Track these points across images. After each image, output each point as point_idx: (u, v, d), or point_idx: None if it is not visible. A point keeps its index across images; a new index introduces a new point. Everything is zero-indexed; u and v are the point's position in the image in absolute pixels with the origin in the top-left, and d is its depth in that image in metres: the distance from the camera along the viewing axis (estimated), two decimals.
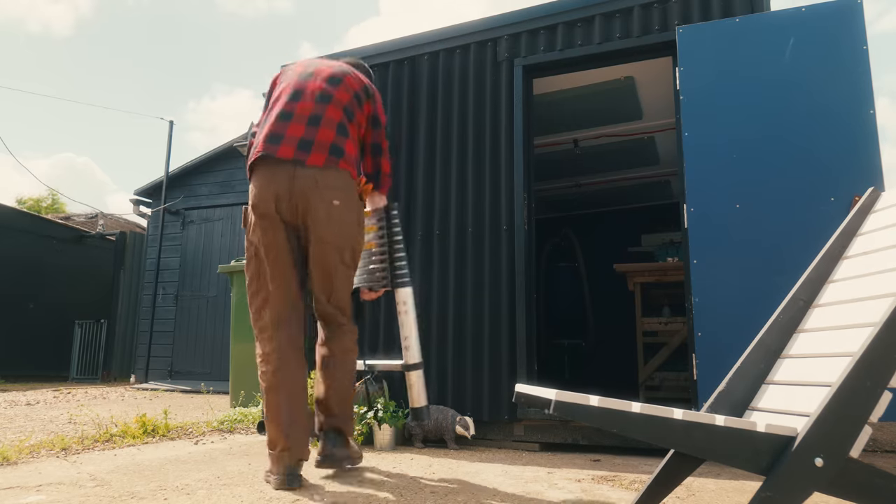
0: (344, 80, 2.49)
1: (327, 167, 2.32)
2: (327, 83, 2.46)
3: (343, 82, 2.48)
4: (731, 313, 2.81)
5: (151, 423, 3.59)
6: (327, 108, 2.41)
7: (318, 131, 2.35)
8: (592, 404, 1.30)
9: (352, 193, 2.40)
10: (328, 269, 2.38)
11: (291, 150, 2.30)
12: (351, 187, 2.40)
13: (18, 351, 9.29)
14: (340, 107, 2.44)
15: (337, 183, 2.34)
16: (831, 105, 2.82)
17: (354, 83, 2.52)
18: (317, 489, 2.19)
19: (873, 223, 1.77)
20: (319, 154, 2.32)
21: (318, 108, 2.39)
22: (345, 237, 2.38)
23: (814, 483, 1.27)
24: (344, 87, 2.48)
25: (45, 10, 73.04)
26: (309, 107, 2.39)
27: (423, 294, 3.65)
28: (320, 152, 2.32)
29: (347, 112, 2.45)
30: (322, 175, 2.31)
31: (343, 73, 2.51)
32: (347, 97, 2.47)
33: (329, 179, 2.32)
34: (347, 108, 2.46)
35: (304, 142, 2.32)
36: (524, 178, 3.52)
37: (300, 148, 2.31)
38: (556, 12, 3.61)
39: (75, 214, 13.30)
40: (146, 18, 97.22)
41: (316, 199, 2.30)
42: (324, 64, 2.57)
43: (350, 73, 2.54)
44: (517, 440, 3.36)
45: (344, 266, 2.42)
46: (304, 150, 2.31)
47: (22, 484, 2.26)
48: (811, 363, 1.61)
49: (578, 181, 6.53)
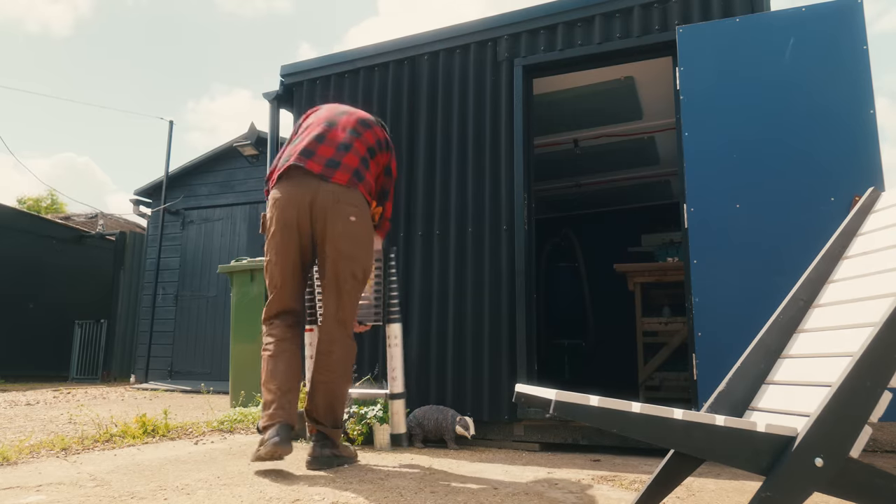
0: (372, 127, 2.79)
1: (349, 187, 2.56)
2: (358, 124, 2.75)
3: (371, 128, 2.78)
4: (732, 313, 2.81)
5: (151, 423, 3.59)
6: (356, 140, 2.69)
7: (346, 156, 2.62)
8: (592, 404, 1.30)
9: (367, 214, 2.64)
10: (339, 281, 2.58)
11: (320, 167, 2.56)
12: (367, 208, 2.64)
13: (18, 351, 9.29)
14: (366, 145, 2.72)
15: (355, 201, 2.57)
16: (831, 105, 2.82)
17: (380, 132, 2.81)
18: (317, 489, 2.19)
19: (873, 223, 1.77)
20: (344, 174, 2.56)
21: (348, 139, 2.68)
22: (357, 251, 2.59)
23: (814, 483, 1.27)
24: (371, 133, 2.77)
25: (44, 10, 73.11)
26: (340, 136, 2.68)
27: (424, 294, 3.65)
28: (345, 173, 2.57)
29: (371, 151, 2.73)
30: (343, 193, 2.55)
31: (371, 122, 2.82)
32: (373, 140, 2.76)
33: (348, 197, 2.55)
34: (372, 148, 2.74)
35: (332, 161, 2.58)
36: (524, 178, 3.52)
37: (328, 165, 2.56)
38: (556, 12, 3.61)
39: (75, 214, 13.30)
40: (145, 18, 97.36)
41: (334, 214, 2.52)
42: (354, 109, 2.87)
43: (377, 123, 2.85)
44: (517, 440, 3.36)
45: (354, 280, 2.61)
46: (331, 168, 2.56)
47: (22, 484, 2.26)
48: (811, 363, 1.61)
49: (578, 181, 6.53)
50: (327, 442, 2.60)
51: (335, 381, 2.61)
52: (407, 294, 3.70)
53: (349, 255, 2.56)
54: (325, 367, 2.60)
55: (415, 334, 3.62)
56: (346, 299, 2.61)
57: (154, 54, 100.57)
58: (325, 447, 2.59)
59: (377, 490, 2.18)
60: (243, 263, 4.90)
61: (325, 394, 2.60)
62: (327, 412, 2.60)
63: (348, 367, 2.66)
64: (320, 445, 2.58)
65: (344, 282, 2.57)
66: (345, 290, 2.59)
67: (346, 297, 2.61)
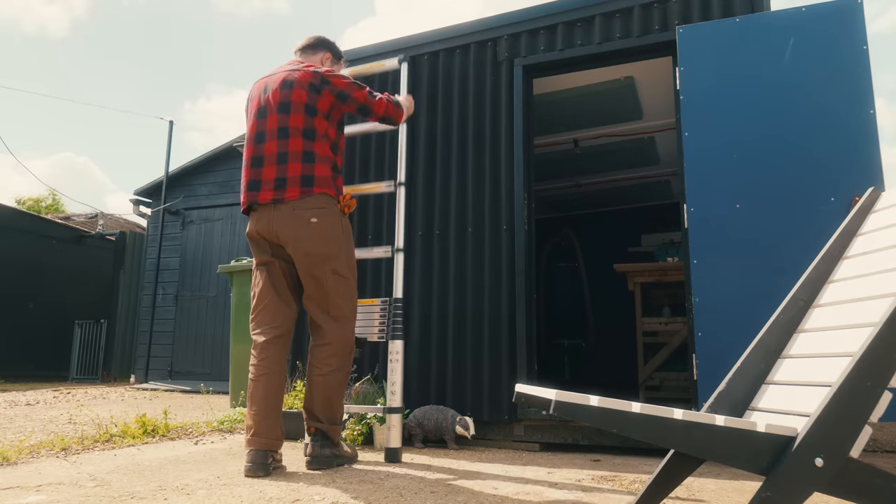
0: (295, 79, 2.63)
1: (303, 198, 2.55)
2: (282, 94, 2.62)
3: (292, 87, 2.62)
4: (732, 313, 2.81)
5: (151, 423, 3.59)
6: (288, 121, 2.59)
7: (287, 168, 2.57)
8: (592, 404, 1.30)
9: (329, 210, 2.60)
10: (319, 281, 2.58)
11: (270, 194, 2.57)
12: (328, 204, 2.60)
13: (18, 351, 9.28)
14: (301, 111, 2.60)
15: (313, 205, 2.56)
16: (831, 105, 2.82)
17: (305, 76, 2.64)
18: (317, 489, 2.19)
19: (873, 223, 1.77)
20: (294, 189, 2.55)
21: (281, 139, 2.59)
22: (328, 247, 2.58)
23: (814, 483, 1.27)
24: (298, 86, 2.62)
25: (40, 12, 73.09)
26: (273, 144, 2.60)
27: (424, 294, 3.65)
28: (294, 187, 2.55)
29: (308, 109, 2.60)
30: (298, 203, 2.56)
31: (293, 76, 2.65)
32: (304, 96, 2.61)
33: (305, 205, 2.56)
34: (308, 106, 2.61)
35: (279, 181, 2.57)
36: (524, 178, 3.52)
37: (276, 188, 2.56)
38: (556, 12, 3.61)
39: (75, 214, 13.29)
40: (141, 19, 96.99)
41: (293, 223, 2.54)
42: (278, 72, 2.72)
43: (298, 71, 2.66)
44: (517, 440, 3.36)
45: (336, 276, 2.59)
46: (280, 189, 2.56)
47: (22, 484, 2.25)
48: (811, 363, 1.61)
49: (578, 181, 6.53)
50: (326, 441, 2.59)
51: (331, 376, 2.59)
52: (407, 294, 3.70)
53: (321, 254, 2.56)
54: (321, 362, 2.59)
55: (415, 334, 3.61)
56: (334, 295, 2.60)
57: (150, 55, 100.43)
58: (325, 446, 2.58)
59: (377, 490, 2.18)
60: (243, 263, 4.89)
61: (321, 388, 2.59)
62: (324, 408, 2.59)
63: (346, 362, 2.65)
64: (319, 445, 2.58)
65: (325, 281, 2.58)
66: (330, 288, 2.59)
67: (334, 294, 2.60)
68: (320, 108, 2.63)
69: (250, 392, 2.53)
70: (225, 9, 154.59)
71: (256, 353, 2.58)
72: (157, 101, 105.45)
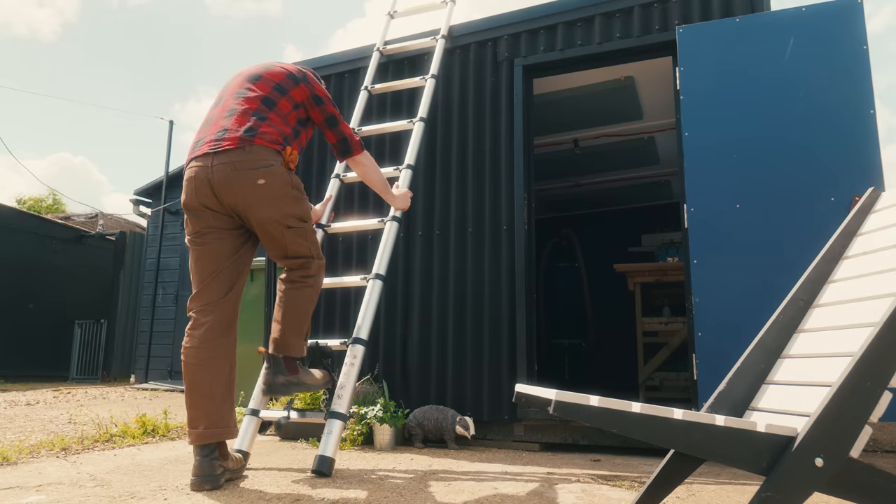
0: (262, 75, 2.50)
1: (241, 147, 2.28)
2: (247, 78, 2.49)
3: (261, 78, 2.49)
4: (732, 313, 2.81)
5: (151, 423, 3.59)
6: (249, 91, 2.43)
7: (231, 120, 2.35)
8: (592, 404, 1.30)
9: (275, 168, 2.33)
10: (277, 239, 2.39)
11: (208, 146, 2.32)
12: (271, 160, 2.32)
13: (18, 351, 9.28)
14: (268, 85, 2.45)
15: (255, 162, 2.29)
16: (831, 105, 2.82)
17: (287, 68, 2.54)
18: (317, 489, 2.19)
19: (873, 223, 1.77)
20: (232, 137, 2.30)
21: (233, 103, 2.42)
22: (281, 209, 2.35)
23: (814, 483, 1.27)
24: (277, 69, 2.52)
25: (31, 15, 73.10)
26: (227, 104, 2.43)
27: (424, 294, 3.65)
28: (233, 135, 2.31)
29: (278, 88, 2.46)
30: (238, 156, 2.28)
31: (264, 70, 2.53)
32: (278, 77, 2.49)
33: (246, 160, 2.28)
34: (278, 85, 2.46)
35: (219, 132, 2.34)
36: (524, 179, 3.52)
37: (215, 140, 2.33)
38: (556, 12, 3.61)
39: (75, 214, 13.30)
40: (130, 21, 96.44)
41: (238, 184, 2.28)
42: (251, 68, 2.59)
43: (271, 67, 2.55)
44: (517, 440, 3.36)
45: (291, 230, 2.40)
46: (217, 141, 2.32)
47: (22, 484, 2.25)
48: (811, 363, 1.61)
49: (578, 181, 6.53)
50: (279, 365, 2.37)
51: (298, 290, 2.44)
52: (407, 294, 3.70)
53: (274, 218, 2.34)
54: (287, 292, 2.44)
55: (415, 334, 3.61)
56: (290, 242, 2.41)
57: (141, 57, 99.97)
58: (279, 373, 2.37)
59: (377, 490, 2.18)
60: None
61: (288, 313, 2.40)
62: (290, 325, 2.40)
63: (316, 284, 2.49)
64: (273, 373, 2.38)
65: (281, 236, 2.38)
66: (286, 240, 2.40)
67: (290, 241, 2.41)
68: (292, 94, 2.48)
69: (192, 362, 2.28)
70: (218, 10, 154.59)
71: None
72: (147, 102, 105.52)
